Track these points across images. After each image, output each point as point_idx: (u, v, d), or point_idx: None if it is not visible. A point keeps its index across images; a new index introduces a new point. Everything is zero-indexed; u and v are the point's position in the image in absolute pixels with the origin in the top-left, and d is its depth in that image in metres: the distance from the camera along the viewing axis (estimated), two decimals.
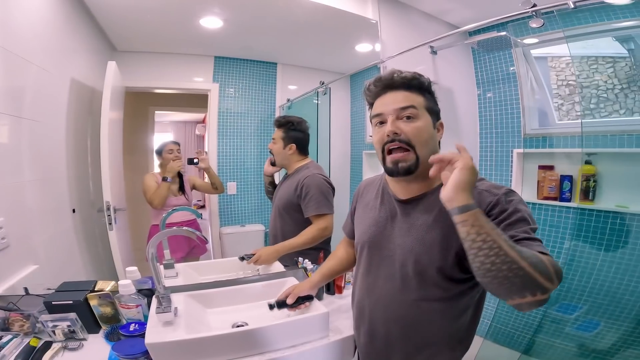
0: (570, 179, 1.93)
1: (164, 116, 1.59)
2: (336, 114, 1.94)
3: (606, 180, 1.81)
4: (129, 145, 1.46)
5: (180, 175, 1.54)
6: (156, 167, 1.52)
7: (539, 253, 0.63)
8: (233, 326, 1.09)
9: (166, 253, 1.40)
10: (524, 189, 2.08)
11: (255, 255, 1.42)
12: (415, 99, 0.81)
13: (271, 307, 1.04)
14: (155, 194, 1.47)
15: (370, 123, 0.88)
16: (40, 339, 0.98)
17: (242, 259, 1.44)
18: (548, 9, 1.28)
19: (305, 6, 1.69)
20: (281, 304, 1.05)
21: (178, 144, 1.53)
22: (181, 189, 1.55)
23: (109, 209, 1.28)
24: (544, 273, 0.60)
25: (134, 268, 1.11)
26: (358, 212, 0.99)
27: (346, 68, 1.92)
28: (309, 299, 1.09)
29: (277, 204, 1.53)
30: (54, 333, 0.97)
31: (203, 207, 1.69)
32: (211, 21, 1.55)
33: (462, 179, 0.64)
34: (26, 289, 1.07)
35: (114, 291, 1.06)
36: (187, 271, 1.43)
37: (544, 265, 0.60)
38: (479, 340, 2.03)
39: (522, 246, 0.63)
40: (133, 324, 1.00)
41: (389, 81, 0.82)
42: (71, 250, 1.30)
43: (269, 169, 1.60)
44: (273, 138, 1.52)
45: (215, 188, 1.60)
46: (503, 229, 0.67)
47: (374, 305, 0.89)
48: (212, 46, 1.61)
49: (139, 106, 1.50)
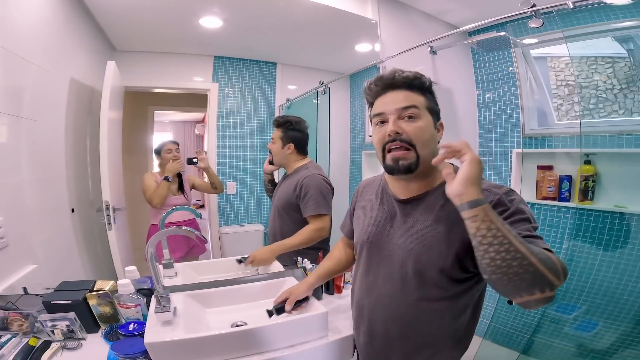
0: (569, 179, 1.93)
1: (164, 116, 1.59)
2: (335, 114, 1.94)
3: (605, 181, 1.81)
4: (128, 144, 1.46)
5: (179, 175, 1.54)
6: (155, 167, 1.52)
7: (545, 250, 0.62)
8: (232, 326, 1.09)
9: (165, 253, 1.40)
10: (523, 189, 2.08)
11: (250, 256, 1.42)
12: (417, 98, 0.80)
13: (270, 315, 1.04)
14: (155, 193, 1.46)
15: (370, 122, 0.88)
16: (39, 338, 0.98)
17: (240, 262, 1.44)
18: (547, 9, 1.28)
19: (305, 6, 1.69)
20: (280, 310, 1.05)
21: (177, 143, 1.53)
22: (180, 188, 1.55)
23: (108, 209, 1.28)
24: (553, 269, 0.59)
25: (133, 268, 1.11)
26: (357, 212, 0.99)
27: (346, 68, 1.92)
28: (306, 299, 1.09)
29: (277, 204, 1.53)
30: (53, 332, 0.97)
31: (202, 207, 1.69)
32: (211, 21, 1.55)
33: (472, 173, 0.63)
34: (25, 289, 1.07)
35: (113, 291, 1.06)
36: (187, 271, 1.43)
37: (552, 261, 0.60)
38: (478, 340, 2.03)
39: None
40: (132, 324, 1.00)
41: (390, 80, 0.81)
42: (70, 249, 1.30)
43: (268, 167, 1.61)
44: (272, 138, 1.53)
45: (215, 188, 1.59)
46: None
47: (373, 305, 0.89)
48: (212, 46, 1.60)
49: (139, 106, 1.50)
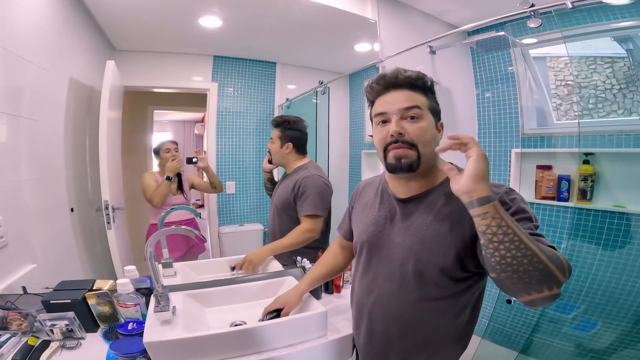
0: (568, 178, 1.93)
1: (163, 115, 1.59)
2: (335, 114, 1.94)
3: (604, 180, 1.81)
4: (127, 144, 1.46)
5: (178, 174, 1.54)
6: (155, 167, 1.52)
7: (550, 247, 0.63)
8: (231, 325, 1.09)
9: (164, 252, 1.40)
10: (522, 188, 2.08)
11: (240, 261, 1.43)
12: (419, 99, 0.80)
13: None
14: (156, 192, 1.47)
15: (371, 121, 0.87)
16: (38, 337, 0.98)
17: (233, 269, 1.45)
18: (546, 9, 1.28)
19: (305, 6, 1.69)
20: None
21: (176, 143, 1.53)
22: (180, 188, 1.55)
23: (107, 208, 1.28)
24: (560, 267, 0.60)
25: (132, 267, 1.11)
26: (356, 212, 0.99)
27: (345, 68, 1.92)
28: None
29: (276, 203, 1.54)
30: (52, 332, 0.97)
31: (202, 207, 1.68)
32: (210, 20, 1.55)
33: (481, 169, 0.62)
34: (24, 288, 1.07)
35: (112, 290, 1.06)
36: (186, 270, 1.43)
37: (558, 259, 0.61)
38: (477, 339, 2.03)
39: None
40: (131, 323, 1.00)
41: (393, 80, 0.81)
42: (69, 249, 1.30)
43: (267, 165, 1.61)
44: (271, 138, 1.53)
45: (214, 187, 1.59)
46: None
47: (373, 304, 0.88)
48: (211, 45, 1.60)
49: (138, 105, 1.50)
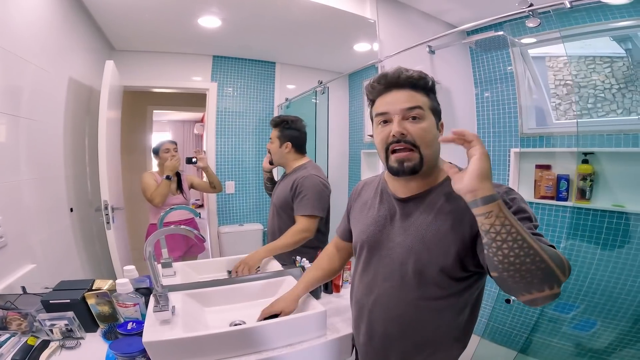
0: (567, 178, 1.93)
1: (162, 115, 1.59)
2: (334, 113, 1.94)
3: (603, 180, 1.81)
4: (127, 144, 1.46)
5: (178, 174, 1.54)
6: (154, 167, 1.52)
7: (550, 247, 0.63)
8: (231, 325, 1.10)
9: (164, 252, 1.40)
10: (521, 188, 2.08)
11: (236, 264, 1.43)
12: (421, 99, 0.80)
13: None
14: (156, 192, 1.47)
15: (371, 120, 0.87)
16: (37, 337, 0.98)
17: (229, 273, 1.45)
18: (544, 8, 1.28)
19: (304, 5, 1.69)
20: None
21: (175, 143, 1.53)
22: (179, 187, 1.55)
23: (106, 208, 1.28)
24: (560, 266, 0.60)
25: (132, 267, 1.11)
26: (355, 212, 0.99)
27: (344, 67, 1.92)
28: None
29: (275, 203, 1.54)
30: (52, 332, 0.97)
31: (201, 207, 1.68)
32: (209, 20, 1.55)
33: (485, 168, 0.62)
34: (24, 288, 1.07)
35: (111, 290, 1.06)
36: (185, 270, 1.43)
37: (559, 258, 0.61)
38: (476, 339, 2.03)
39: None
40: (130, 323, 1.00)
41: (394, 79, 0.80)
42: (69, 249, 1.30)
43: (267, 165, 1.61)
44: (270, 138, 1.53)
45: (214, 187, 1.59)
46: None
47: (373, 304, 0.88)
48: (211, 45, 1.60)
49: (137, 105, 1.50)
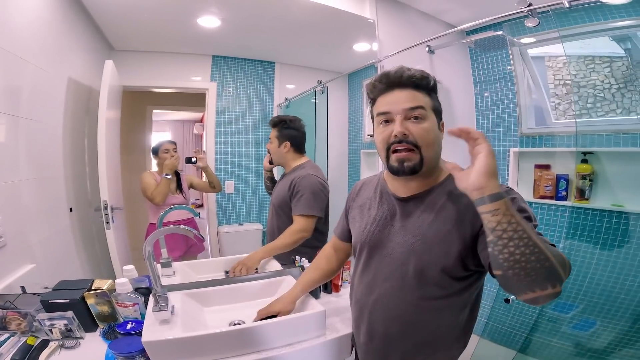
0: (566, 177, 1.93)
1: (162, 115, 1.59)
2: (334, 113, 1.94)
3: (602, 179, 1.81)
4: (126, 144, 1.46)
5: (177, 174, 1.54)
6: (154, 167, 1.52)
7: (551, 245, 0.63)
8: (230, 324, 1.10)
9: (163, 252, 1.40)
10: (520, 187, 2.08)
11: (233, 265, 1.43)
12: (423, 99, 0.79)
13: None
14: (157, 190, 1.47)
15: (372, 119, 0.86)
16: (37, 337, 0.98)
17: (226, 273, 1.45)
18: (543, 8, 1.28)
19: (303, 5, 1.69)
20: None
21: (174, 143, 1.53)
22: (179, 187, 1.55)
23: (106, 208, 1.29)
24: (562, 264, 0.60)
25: (131, 267, 1.11)
26: (354, 212, 0.99)
27: (344, 67, 1.92)
28: None
29: (274, 202, 1.54)
30: (51, 332, 0.98)
31: (201, 206, 1.69)
32: (209, 20, 1.55)
33: (492, 165, 0.61)
34: (23, 288, 1.07)
35: (111, 290, 1.06)
36: (185, 270, 1.43)
37: (560, 256, 0.61)
38: (475, 338, 2.03)
39: None
40: (130, 323, 1.00)
41: (397, 79, 0.79)
42: (68, 249, 1.30)
43: (268, 165, 1.62)
44: (269, 138, 1.53)
45: (213, 187, 1.59)
46: None
47: (373, 304, 0.88)
48: (210, 45, 1.60)
49: (137, 105, 1.50)
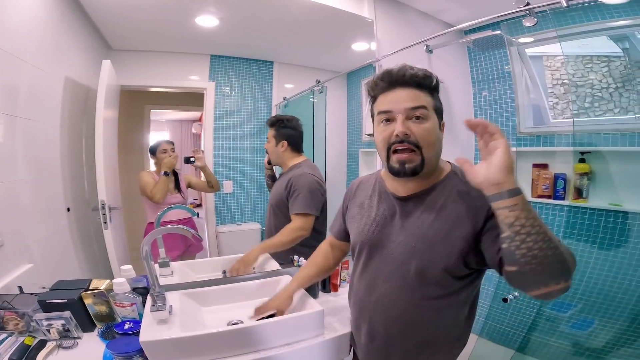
0: (564, 177, 1.94)
1: (160, 115, 1.59)
2: (332, 113, 1.94)
3: (600, 179, 1.82)
4: (124, 143, 1.46)
5: (175, 174, 1.54)
6: (152, 166, 1.52)
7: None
8: (228, 324, 1.10)
9: (161, 251, 1.40)
10: None
11: (233, 264, 1.42)
12: (425, 98, 0.78)
13: None
14: (156, 189, 1.47)
15: (372, 118, 0.85)
16: (34, 337, 0.98)
17: (224, 273, 1.45)
18: (541, 7, 1.28)
19: (302, 5, 1.69)
20: None
21: (172, 143, 1.53)
22: (177, 187, 1.55)
23: (104, 208, 1.28)
24: (572, 258, 0.62)
25: (129, 266, 1.11)
26: (351, 212, 0.98)
27: (342, 66, 1.92)
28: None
29: (271, 202, 1.54)
30: (49, 332, 0.97)
31: (199, 206, 1.68)
32: (207, 20, 1.54)
33: (509, 160, 0.62)
34: (20, 288, 1.07)
35: (108, 290, 1.06)
36: (183, 269, 1.43)
37: (569, 251, 0.62)
38: (474, 337, 2.03)
39: None
40: (128, 322, 1.00)
41: (399, 77, 0.78)
42: (66, 249, 1.30)
43: (268, 164, 1.62)
44: (267, 137, 1.53)
45: (211, 186, 1.59)
46: None
47: (374, 304, 0.87)
48: (208, 45, 1.60)
49: (135, 105, 1.50)
